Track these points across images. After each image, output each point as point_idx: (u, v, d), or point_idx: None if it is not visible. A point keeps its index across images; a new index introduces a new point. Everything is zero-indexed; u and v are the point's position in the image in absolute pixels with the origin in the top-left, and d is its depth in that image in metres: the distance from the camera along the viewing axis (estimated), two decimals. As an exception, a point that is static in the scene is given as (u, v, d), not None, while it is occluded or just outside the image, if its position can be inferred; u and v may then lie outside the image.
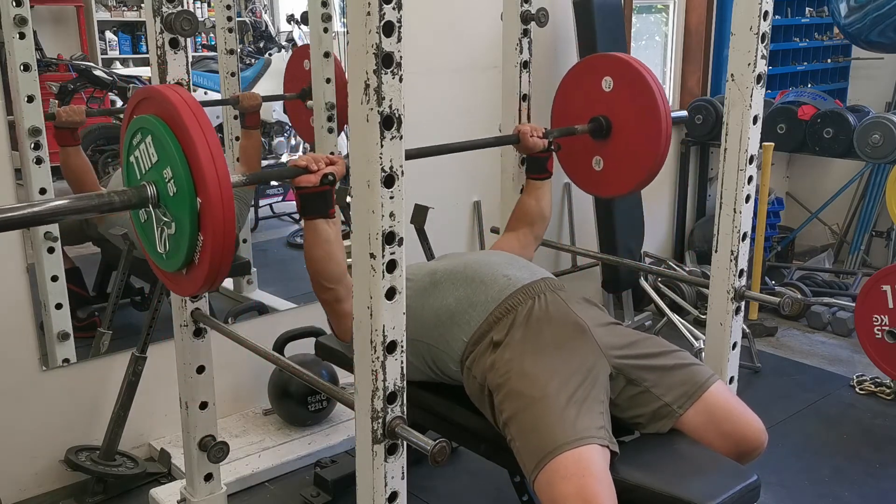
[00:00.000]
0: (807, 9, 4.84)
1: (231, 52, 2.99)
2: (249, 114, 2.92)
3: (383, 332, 1.30)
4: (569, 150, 2.49)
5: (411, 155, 1.87)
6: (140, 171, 1.50)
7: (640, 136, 2.32)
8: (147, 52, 1.76)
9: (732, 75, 1.93)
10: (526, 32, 2.49)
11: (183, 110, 1.39)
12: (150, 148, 1.45)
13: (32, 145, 2.36)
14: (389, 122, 1.21)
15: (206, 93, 3.14)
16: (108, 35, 2.92)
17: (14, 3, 2.29)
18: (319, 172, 1.73)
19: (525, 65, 2.52)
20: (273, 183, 3.47)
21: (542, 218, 2.38)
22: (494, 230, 2.73)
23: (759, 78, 1.91)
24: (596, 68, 2.43)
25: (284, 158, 3.46)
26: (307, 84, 3.07)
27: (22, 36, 2.31)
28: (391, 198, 1.24)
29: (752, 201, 2.01)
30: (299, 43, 3.38)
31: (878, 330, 3.14)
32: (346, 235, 3.08)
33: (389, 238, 1.26)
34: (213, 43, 3.07)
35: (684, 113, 4.24)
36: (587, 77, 2.44)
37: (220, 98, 3.06)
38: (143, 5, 2.70)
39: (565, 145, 2.46)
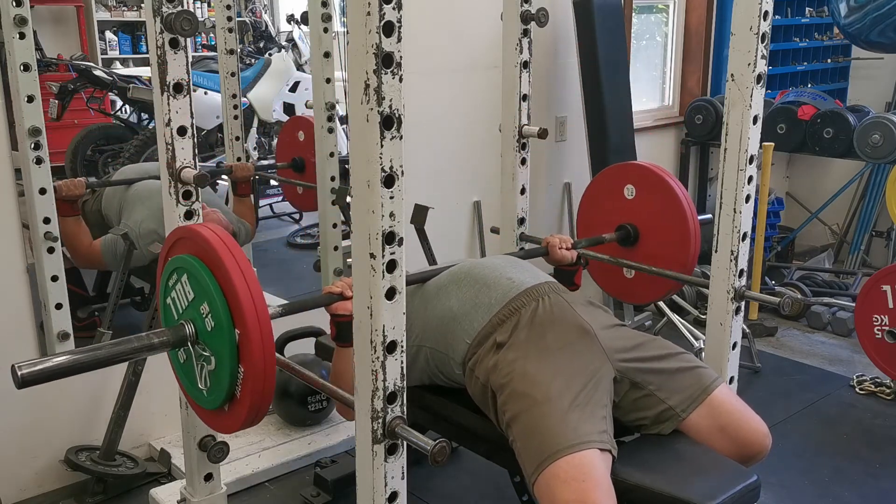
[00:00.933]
0: (807, 9, 4.84)
1: (231, 52, 3.00)
2: (241, 183, 2.96)
3: (383, 332, 1.30)
4: (598, 261, 2.48)
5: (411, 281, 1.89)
6: (177, 312, 1.50)
7: (668, 239, 2.35)
8: (147, 52, 1.76)
9: (732, 75, 1.93)
10: (526, 32, 2.49)
11: (216, 244, 1.40)
12: (186, 286, 1.45)
13: (32, 145, 2.36)
14: (389, 122, 1.21)
15: (206, 93, 3.14)
16: (108, 35, 2.92)
17: (14, 3, 2.28)
18: None
19: (525, 65, 2.52)
20: (273, 183, 3.47)
21: None
22: (494, 230, 2.73)
23: (759, 78, 1.91)
24: (616, 177, 2.46)
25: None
26: (299, 155, 3.14)
27: (22, 36, 2.31)
28: (391, 198, 1.24)
29: (752, 201, 2.01)
30: (299, 43, 3.38)
31: (878, 330, 3.14)
32: (346, 235, 3.10)
33: (389, 238, 1.26)
34: (213, 43, 3.07)
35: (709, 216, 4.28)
36: (609, 186, 2.47)
37: (220, 97, 3.06)
38: (143, 5, 2.70)
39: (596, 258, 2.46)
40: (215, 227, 1.46)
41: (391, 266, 1.27)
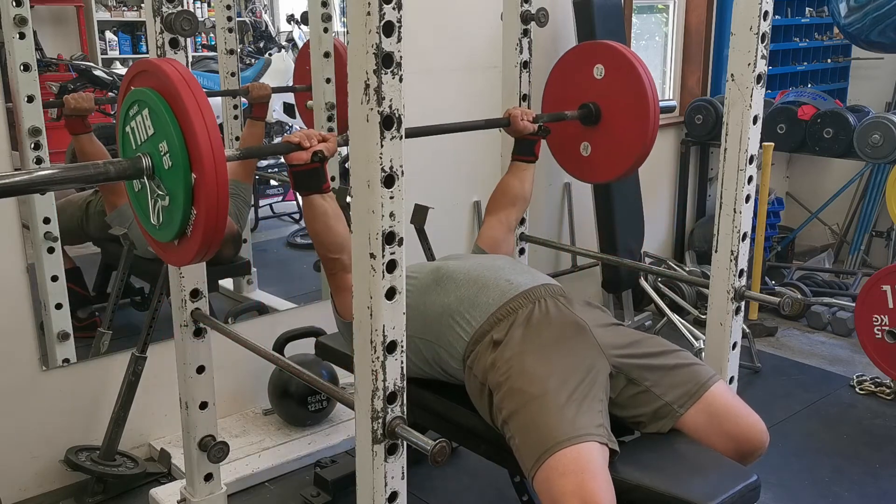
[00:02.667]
0: (807, 9, 4.84)
1: (231, 52, 2.99)
2: (258, 104, 2.94)
3: (383, 332, 1.30)
4: (558, 135, 2.52)
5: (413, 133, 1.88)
6: (136, 142, 1.52)
7: (629, 123, 2.36)
8: (147, 52, 1.76)
9: (732, 75, 1.93)
10: (526, 32, 2.49)
11: (180, 86, 1.40)
12: (147, 121, 1.47)
13: (32, 145, 2.36)
14: (389, 122, 1.21)
15: (206, 93, 3.14)
16: (108, 35, 2.92)
17: (14, 3, 2.29)
18: (311, 150, 1.77)
19: (525, 65, 2.52)
20: (273, 183, 3.47)
21: (524, 199, 2.42)
22: (494, 230, 2.73)
23: (759, 78, 1.91)
24: (588, 55, 2.46)
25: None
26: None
27: (22, 36, 2.31)
28: (391, 198, 1.24)
29: (752, 201, 2.01)
30: (299, 43, 3.38)
31: (878, 330, 3.14)
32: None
33: (389, 238, 1.26)
34: (213, 43, 3.07)
35: (673, 103, 4.27)
36: (579, 64, 2.48)
37: (220, 97, 3.06)
38: (143, 5, 2.70)
39: (555, 131, 2.48)
40: (179, 65, 1.46)
41: (391, 266, 1.27)
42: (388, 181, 1.23)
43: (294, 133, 1.80)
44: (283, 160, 1.85)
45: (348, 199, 1.32)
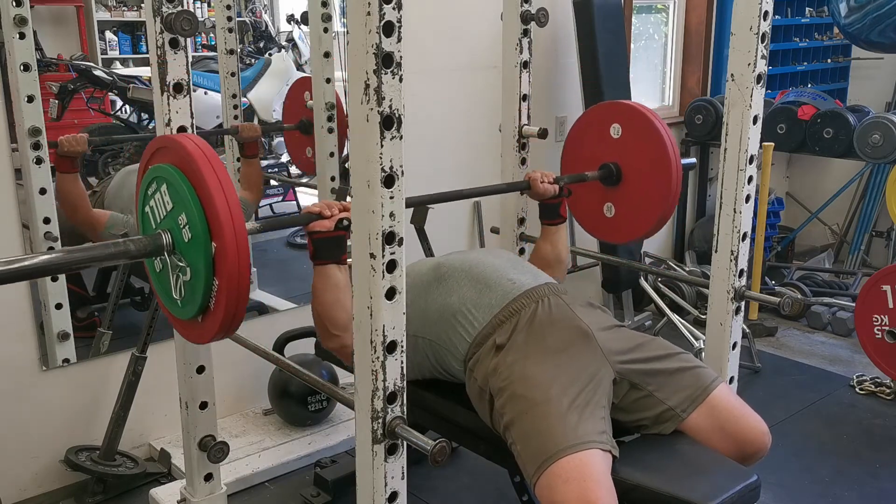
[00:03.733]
0: (807, 9, 4.84)
1: (231, 52, 2.99)
2: (248, 144, 2.93)
3: (383, 332, 1.30)
4: (580, 198, 2.48)
5: (412, 203, 1.87)
6: (155, 221, 1.50)
7: (651, 181, 2.32)
8: (147, 52, 1.76)
9: (732, 75, 1.93)
10: (526, 32, 2.49)
11: (197, 156, 1.39)
12: (166, 196, 1.45)
13: (32, 145, 2.36)
14: (389, 122, 1.21)
15: (206, 93, 3.14)
16: (108, 35, 2.92)
17: (14, 3, 2.29)
18: (334, 218, 1.73)
19: (525, 65, 2.52)
20: (273, 183, 3.47)
21: (560, 262, 2.33)
22: (494, 230, 2.73)
23: (759, 78, 1.91)
24: (604, 116, 2.44)
25: (284, 158, 3.46)
26: (305, 116, 3.09)
27: (22, 36, 2.31)
28: (391, 198, 1.24)
29: (752, 201, 2.01)
30: (299, 43, 3.38)
31: (878, 330, 3.14)
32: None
33: (389, 238, 1.26)
34: (213, 43, 3.07)
35: (693, 160, 4.25)
36: (596, 124, 2.45)
37: (220, 97, 3.06)
38: (143, 5, 2.70)
39: (577, 193, 2.46)
40: (197, 138, 1.45)
41: (391, 266, 1.27)
42: (388, 181, 1.23)
43: (314, 204, 1.78)
44: (283, 159, 1.83)
45: (348, 199, 1.32)
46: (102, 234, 2.62)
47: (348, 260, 1.76)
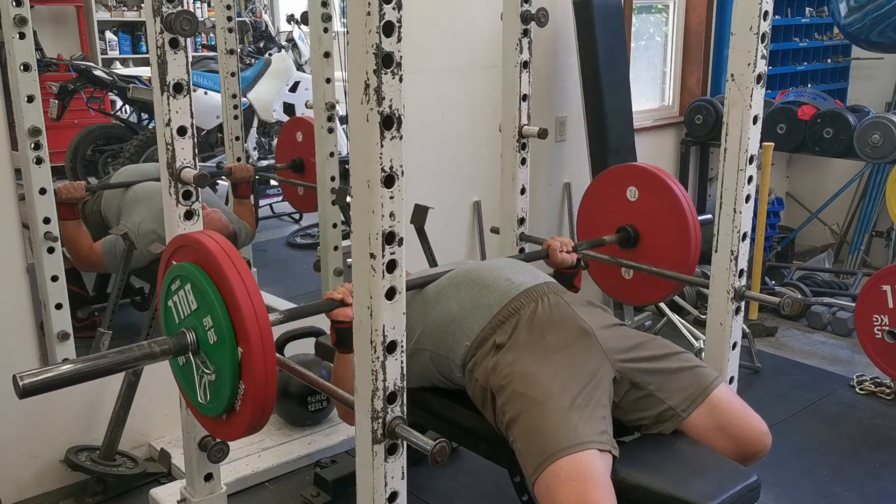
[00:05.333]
0: (807, 9, 4.84)
1: (231, 52, 3.00)
2: (241, 185, 2.95)
3: (383, 332, 1.30)
4: (598, 261, 2.48)
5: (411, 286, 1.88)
6: (178, 317, 1.49)
7: (669, 241, 2.34)
8: (147, 52, 1.76)
9: (732, 75, 1.93)
10: (526, 32, 2.49)
11: (222, 260, 1.38)
12: (189, 296, 1.44)
13: (32, 145, 2.36)
14: (389, 122, 1.21)
15: (206, 93, 3.14)
16: (108, 35, 2.92)
17: (14, 3, 2.28)
18: None
19: (525, 65, 2.52)
20: (273, 183, 3.47)
21: None
22: (494, 230, 2.73)
23: (759, 78, 1.91)
24: (620, 179, 2.45)
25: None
26: (298, 156, 3.13)
27: (22, 36, 2.31)
28: (391, 198, 1.24)
29: (752, 201, 2.01)
30: (299, 43, 3.38)
31: (878, 330, 3.14)
32: (346, 235, 3.09)
33: (389, 238, 1.26)
34: (213, 43, 3.07)
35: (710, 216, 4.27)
36: (612, 188, 2.46)
37: (220, 97, 3.06)
38: (143, 5, 2.70)
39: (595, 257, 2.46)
40: (220, 237, 1.44)
41: (391, 266, 1.27)
42: (388, 181, 1.23)
43: (336, 289, 1.78)
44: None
45: (348, 199, 1.32)
46: (104, 264, 2.67)
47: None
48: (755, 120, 1.95)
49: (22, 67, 2.32)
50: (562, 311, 1.86)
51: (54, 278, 2.47)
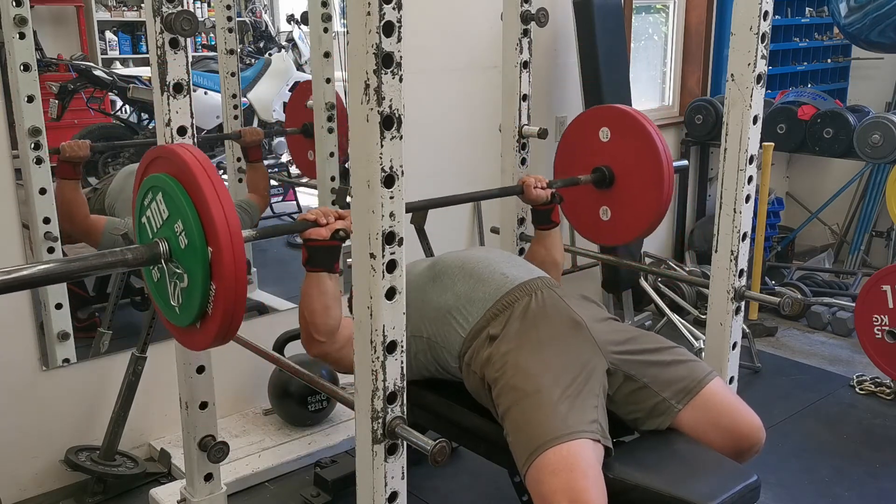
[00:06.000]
0: (807, 9, 4.84)
1: (231, 52, 3.00)
2: (251, 148, 2.93)
3: (383, 332, 1.30)
4: (576, 203, 2.49)
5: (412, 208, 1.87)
6: (152, 230, 1.52)
7: (643, 182, 2.33)
8: (147, 52, 1.76)
9: (732, 75, 1.93)
10: (526, 32, 2.49)
11: (192, 163, 1.41)
12: (161, 205, 1.47)
13: (32, 145, 2.36)
14: (389, 122, 1.21)
15: (206, 93, 3.14)
16: (108, 35, 2.92)
17: (14, 3, 2.28)
18: (330, 227, 1.73)
19: (525, 65, 2.52)
20: (273, 183, 3.47)
21: (556, 265, 2.34)
22: (494, 230, 2.73)
23: (759, 78, 1.91)
24: (593, 120, 2.45)
25: (285, 158, 3.46)
26: (309, 120, 3.09)
27: (22, 36, 2.31)
28: (391, 198, 1.24)
29: (752, 201, 2.01)
30: (299, 43, 3.38)
31: (878, 330, 3.14)
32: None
33: (389, 238, 1.26)
34: (213, 43, 3.07)
35: (685, 162, 4.24)
36: (586, 129, 2.46)
37: (220, 97, 3.06)
38: (143, 5, 2.70)
39: (572, 199, 2.46)
40: (192, 147, 1.47)
41: (391, 266, 1.27)
42: (388, 181, 1.23)
43: (310, 210, 1.79)
44: (283, 158, 1.83)
45: (348, 199, 1.32)
46: (101, 242, 2.63)
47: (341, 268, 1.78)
48: (755, 120, 1.95)
49: (22, 67, 2.32)
50: (555, 304, 1.87)
51: (54, 279, 2.47)
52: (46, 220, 2.43)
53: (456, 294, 1.91)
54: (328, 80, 3.00)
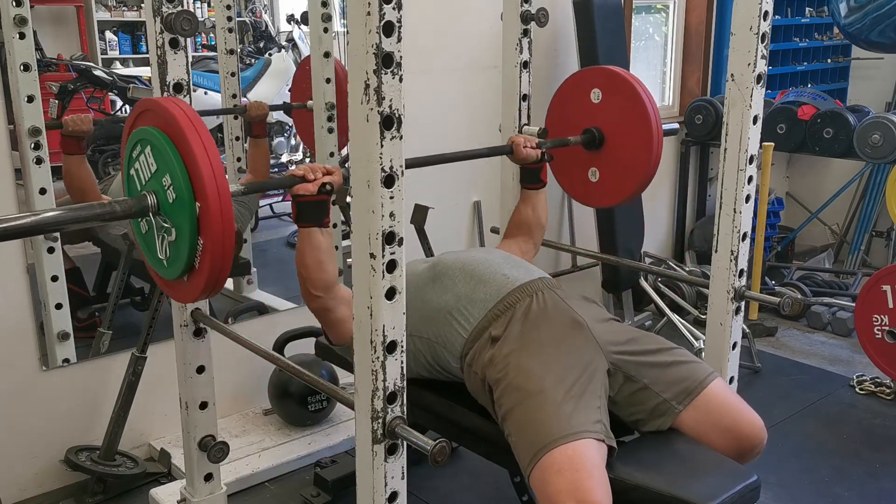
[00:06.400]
0: (807, 9, 4.84)
1: (231, 52, 3.00)
2: (256, 123, 2.94)
3: (383, 332, 1.30)
4: (566, 164, 2.50)
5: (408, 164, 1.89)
6: (140, 183, 1.53)
7: (633, 144, 2.34)
8: (147, 52, 1.76)
9: (732, 75, 1.93)
10: (526, 32, 2.49)
11: (180, 117, 1.42)
12: (150, 158, 1.48)
13: (32, 145, 2.36)
14: (389, 122, 1.21)
15: (206, 93, 3.14)
16: (108, 35, 2.92)
17: (14, 3, 2.29)
18: (317, 182, 1.76)
19: (525, 65, 2.52)
20: (273, 183, 3.47)
21: (540, 226, 2.38)
22: (494, 230, 2.73)
23: (759, 78, 1.91)
24: (584, 81, 2.46)
25: (284, 158, 3.46)
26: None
27: (22, 36, 2.31)
28: (391, 198, 1.24)
29: (752, 201, 2.01)
30: (299, 43, 3.38)
31: (878, 330, 3.14)
32: (346, 235, 3.09)
33: (389, 238, 1.26)
34: (213, 43, 3.07)
35: (675, 125, 4.23)
36: (577, 90, 2.47)
37: (220, 97, 3.06)
38: (143, 5, 2.70)
39: (562, 159, 2.47)
40: (180, 101, 1.49)
41: (391, 266, 1.27)
42: (388, 181, 1.23)
43: (298, 167, 1.81)
44: (283, 159, 1.84)
45: (348, 199, 1.32)
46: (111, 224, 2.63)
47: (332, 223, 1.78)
48: (755, 120, 1.95)
49: (22, 67, 2.32)
50: (556, 305, 1.87)
51: (54, 278, 2.47)
52: (46, 220, 2.43)
53: (456, 295, 1.91)
54: (328, 81, 3.00)
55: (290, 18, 3.40)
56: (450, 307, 1.90)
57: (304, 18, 3.16)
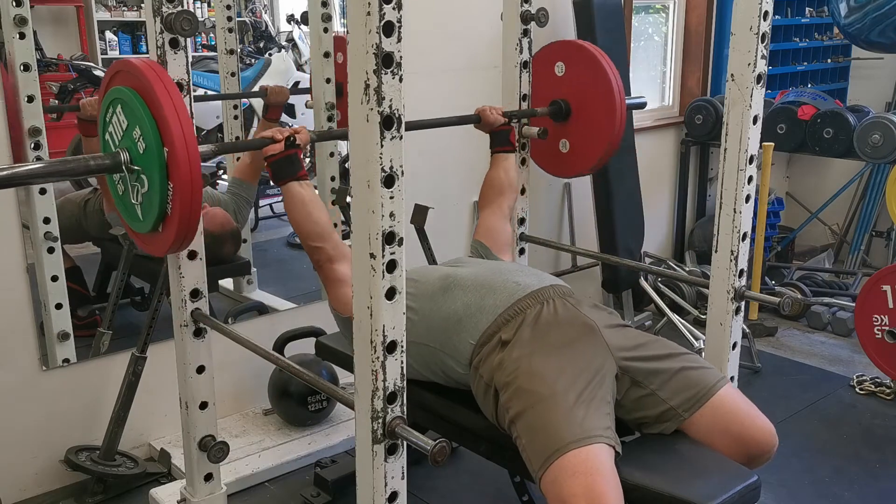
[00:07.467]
0: (807, 9, 4.84)
1: (231, 52, 3.00)
2: (273, 107, 3.03)
3: (383, 332, 1.30)
4: (538, 140, 2.58)
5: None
6: (114, 144, 1.64)
7: (597, 113, 2.45)
8: (147, 52, 1.76)
9: (732, 75, 1.93)
10: (526, 32, 2.49)
11: (144, 69, 1.53)
12: (121, 116, 1.58)
13: (32, 145, 2.36)
14: (389, 122, 1.21)
15: (206, 93, 3.14)
16: (108, 35, 2.92)
17: (14, 3, 2.29)
18: (283, 138, 1.89)
19: (525, 65, 2.53)
20: (273, 183, 3.46)
21: (511, 188, 2.46)
22: (494, 230, 2.73)
23: (759, 78, 1.91)
24: (549, 56, 2.57)
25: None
26: (337, 80, 3.11)
27: (22, 36, 2.31)
28: (391, 198, 1.24)
29: (752, 201, 2.01)
30: (299, 43, 3.38)
31: (878, 330, 3.14)
32: (346, 235, 3.09)
33: (389, 238, 1.26)
34: (213, 43, 3.07)
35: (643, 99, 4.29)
36: (542, 65, 2.57)
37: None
38: (143, 5, 2.70)
39: (536, 138, 2.56)
40: (149, 60, 1.59)
41: (391, 266, 1.27)
42: (388, 181, 1.23)
43: (266, 130, 1.94)
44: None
45: (348, 199, 1.32)
46: (106, 219, 2.66)
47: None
48: (755, 120, 1.95)
49: (22, 67, 2.32)
50: (567, 311, 1.86)
51: (54, 278, 2.47)
52: (46, 220, 2.44)
53: (465, 303, 1.90)
54: (328, 80, 3.00)
55: (290, 18, 3.40)
56: (459, 316, 1.89)
57: (304, 18, 3.16)
